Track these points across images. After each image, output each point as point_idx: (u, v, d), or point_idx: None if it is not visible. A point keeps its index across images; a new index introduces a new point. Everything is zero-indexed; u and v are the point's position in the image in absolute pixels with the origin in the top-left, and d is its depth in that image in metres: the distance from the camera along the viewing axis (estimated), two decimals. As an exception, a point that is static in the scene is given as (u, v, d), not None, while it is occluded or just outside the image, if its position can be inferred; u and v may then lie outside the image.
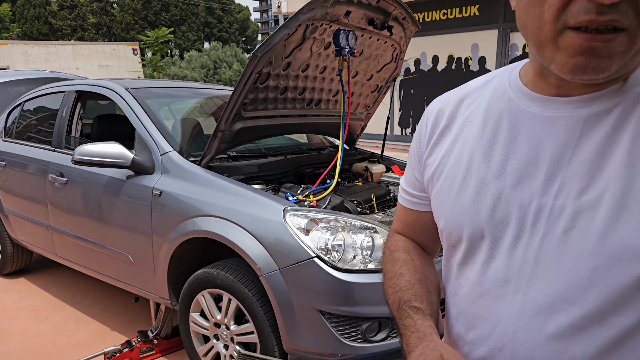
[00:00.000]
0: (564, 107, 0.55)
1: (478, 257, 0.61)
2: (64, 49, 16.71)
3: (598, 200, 0.51)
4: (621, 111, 0.51)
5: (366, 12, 2.22)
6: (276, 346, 1.87)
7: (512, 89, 0.61)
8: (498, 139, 0.60)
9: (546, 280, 0.54)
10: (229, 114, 2.10)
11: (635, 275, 0.49)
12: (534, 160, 0.56)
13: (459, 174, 0.63)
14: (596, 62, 0.47)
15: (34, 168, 2.94)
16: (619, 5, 0.44)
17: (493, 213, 0.59)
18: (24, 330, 2.81)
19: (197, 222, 2.02)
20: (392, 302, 0.70)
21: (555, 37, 0.48)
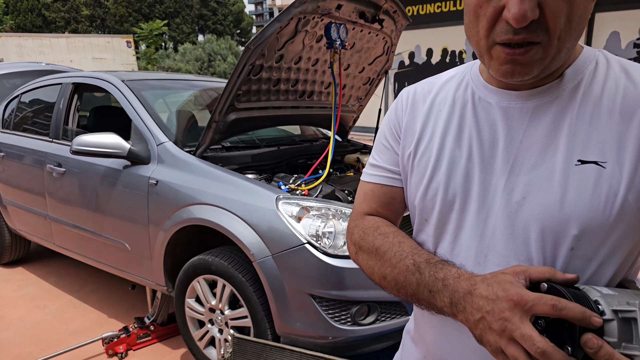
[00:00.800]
0: (516, 99, 0.66)
1: (448, 227, 0.71)
2: (58, 41, 16.58)
3: (545, 175, 0.62)
4: (560, 102, 0.63)
5: (357, 5, 2.27)
6: (269, 330, 1.95)
7: (473, 82, 0.72)
8: (465, 125, 0.70)
9: (503, 244, 0.65)
10: (222, 105, 2.16)
11: (571, 236, 0.61)
12: (494, 144, 0.67)
13: (432, 156, 0.72)
14: (520, 68, 0.59)
15: (32, 159, 2.99)
16: (529, 25, 0.55)
17: (462, 189, 0.69)
18: (23, 318, 2.87)
19: (192, 210, 2.08)
20: (404, 268, 0.70)
21: (489, 49, 0.61)
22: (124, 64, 18.09)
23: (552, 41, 0.57)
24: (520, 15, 0.54)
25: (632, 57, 6.82)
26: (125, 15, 33.46)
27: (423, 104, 0.77)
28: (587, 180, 0.60)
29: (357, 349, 1.91)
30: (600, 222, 0.59)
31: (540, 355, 0.51)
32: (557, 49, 0.58)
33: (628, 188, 0.58)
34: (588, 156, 0.60)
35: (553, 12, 0.55)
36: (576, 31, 0.58)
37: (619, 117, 0.60)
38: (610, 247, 0.61)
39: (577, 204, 0.60)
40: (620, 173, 0.59)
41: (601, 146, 0.60)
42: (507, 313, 0.54)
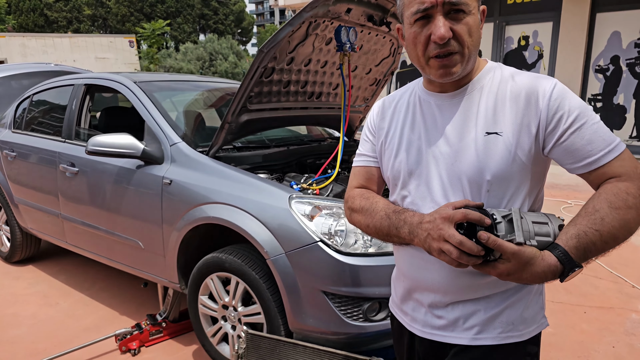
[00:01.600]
0: (445, 98, 1.02)
1: (410, 187, 1.04)
2: (61, 41, 16.62)
3: (468, 144, 0.96)
4: (472, 98, 0.99)
5: (366, 9, 2.32)
6: (282, 326, 1.99)
7: (419, 90, 1.08)
8: (416, 118, 1.06)
9: (447, 192, 0.99)
10: (235, 107, 2.21)
11: (486, 182, 0.94)
12: (435, 127, 1.02)
13: (396, 140, 1.08)
14: (449, 70, 0.94)
15: (45, 159, 3.03)
16: (448, 42, 0.90)
17: (417, 159, 1.03)
18: (35, 315, 2.92)
19: (205, 209, 2.13)
20: (379, 218, 1.04)
21: (427, 62, 0.96)
22: (126, 63, 18.13)
23: (464, 50, 0.92)
24: (442, 35, 0.89)
25: (633, 56, 6.86)
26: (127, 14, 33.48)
27: (389, 109, 1.13)
28: (493, 145, 0.93)
29: (368, 344, 1.95)
30: (503, 171, 0.93)
31: (459, 244, 0.85)
32: (468, 55, 0.93)
33: (516, 147, 0.93)
34: (492, 130, 0.94)
35: (461, 32, 0.91)
36: (476, 43, 0.94)
37: (508, 103, 0.95)
38: (513, 189, 0.95)
39: (488, 159, 0.93)
40: (512, 138, 0.93)
41: (499, 123, 0.94)
42: (440, 225, 0.88)
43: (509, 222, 0.86)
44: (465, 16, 0.90)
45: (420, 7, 0.90)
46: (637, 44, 6.82)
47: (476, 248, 0.84)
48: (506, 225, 0.86)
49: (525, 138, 0.92)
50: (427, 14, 0.90)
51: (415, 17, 0.91)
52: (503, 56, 8.14)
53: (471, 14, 0.91)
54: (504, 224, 0.86)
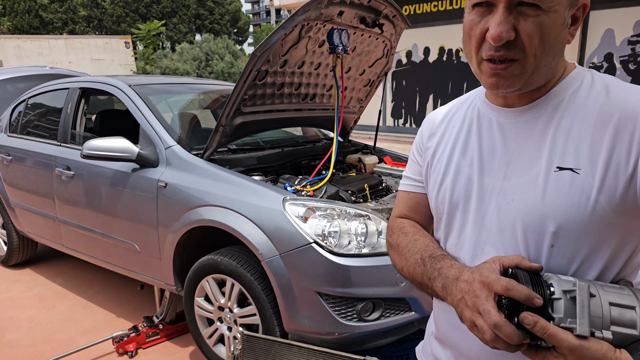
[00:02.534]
0: (510, 115, 0.78)
1: (454, 225, 0.83)
2: (57, 42, 16.60)
3: (529, 180, 0.73)
4: (544, 118, 0.74)
5: (358, 11, 2.34)
6: (277, 327, 2.01)
7: (480, 102, 0.85)
8: (471, 138, 0.83)
9: (496, 239, 0.76)
10: (229, 110, 2.22)
11: (550, 233, 0.70)
12: (492, 153, 0.79)
13: (443, 164, 0.86)
14: (502, 81, 0.71)
15: (41, 162, 3.04)
16: (507, 44, 0.68)
17: (464, 191, 0.81)
18: (33, 318, 2.93)
19: (201, 212, 2.14)
20: (413, 262, 0.85)
21: (479, 64, 0.73)
22: (122, 64, 18.11)
23: (528, 58, 0.68)
24: (497, 35, 0.67)
25: (626, 53, 6.90)
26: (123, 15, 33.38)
27: (441, 123, 0.91)
28: (563, 184, 0.69)
29: (362, 344, 1.97)
30: (576, 222, 0.68)
31: (492, 326, 0.63)
32: (535, 66, 0.69)
33: (599, 191, 0.67)
34: (565, 163, 0.69)
35: (527, 34, 0.67)
36: (552, 52, 0.69)
37: (593, 129, 0.69)
38: (590, 246, 0.69)
39: (553, 204, 0.69)
40: (592, 178, 0.67)
41: (577, 155, 0.69)
42: (477, 291, 0.67)
43: (572, 301, 0.61)
44: (540, 14, 0.66)
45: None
46: (631, 42, 6.85)
47: (517, 336, 0.61)
48: (567, 304, 0.61)
49: (613, 179, 0.66)
50: (489, 1, 0.68)
51: (474, 1, 0.70)
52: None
53: (551, 11, 0.66)
54: (565, 301, 0.61)
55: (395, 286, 1.91)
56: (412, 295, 1.96)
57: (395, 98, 9.76)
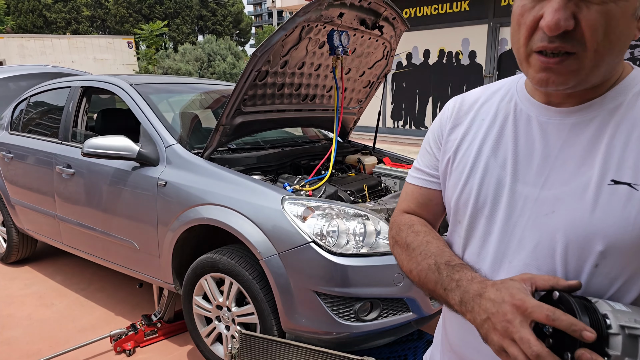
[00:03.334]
0: (555, 115, 0.68)
1: (477, 232, 0.74)
2: (60, 42, 16.63)
3: (576, 191, 0.64)
4: (598, 122, 0.65)
5: (358, 13, 2.35)
6: (275, 326, 2.01)
7: (518, 95, 0.74)
8: (504, 135, 0.73)
9: (528, 253, 0.68)
10: (230, 109, 2.23)
11: (596, 253, 0.62)
12: (529, 156, 0.70)
13: (469, 161, 0.76)
14: (554, 77, 0.62)
15: (42, 160, 3.05)
16: (564, 35, 0.58)
17: (493, 196, 0.72)
18: (31, 316, 2.94)
19: (200, 211, 2.15)
20: (426, 266, 0.76)
21: (527, 57, 0.64)
22: (124, 64, 18.15)
23: (588, 53, 0.59)
24: (553, 23, 0.57)
25: (626, 57, 6.90)
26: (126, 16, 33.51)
27: (468, 112, 0.80)
28: (618, 200, 0.60)
29: (360, 344, 1.98)
30: (627, 242, 0.60)
31: (534, 357, 0.54)
32: (595, 63, 0.59)
33: None
34: (622, 177, 0.61)
35: (589, 24, 0.57)
36: (616, 47, 0.60)
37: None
38: (634, 268, 0.62)
39: (604, 221, 0.61)
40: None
41: (636, 168, 0.60)
42: (509, 316, 0.58)
43: (631, 338, 0.54)
44: (608, 1, 0.57)
45: None
46: (630, 45, 6.87)
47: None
48: (626, 342, 0.54)
49: None
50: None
51: None
52: (497, 58, 8.19)
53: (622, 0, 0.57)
54: (624, 338, 0.54)
55: (393, 286, 1.92)
56: (410, 295, 1.97)
57: (395, 100, 9.78)
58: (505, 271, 0.69)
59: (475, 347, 0.73)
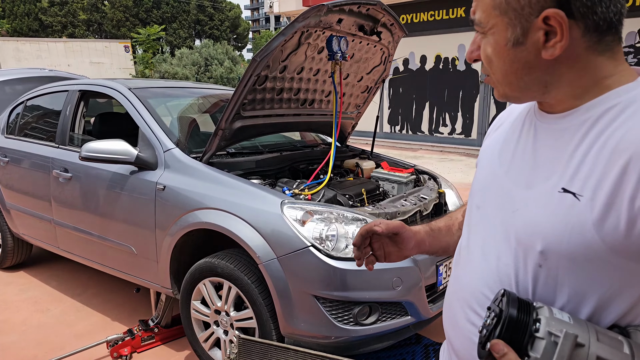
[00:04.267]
0: (547, 120, 0.73)
1: (471, 222, 0.83)
2: (56, 45, 16.60)
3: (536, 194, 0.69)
4: (568, 132, 0.69)
5: (357, 19, 2.36)
6: (274, 330, 2.01)
7: (534, 103, 0.80)
8: (512, 138, 0.80)
9: (499, 244, 0.74)
10: (229, 114, 2.24)
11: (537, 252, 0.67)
12: (520, 157, 0.76)
13: (485, 160, 0.85)
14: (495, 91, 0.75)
15: (38, 164, 3.04)
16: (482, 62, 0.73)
17: (486, 192, 0.80)
18: (26, 322, 2.91)
19: (199, 215, 2.15)
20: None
21: None
22: (121, 68, 18.13)
23: (492, 73, 0.73)
24: (467, 55, 0.76)
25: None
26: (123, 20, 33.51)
27: (502, 122, 0.89)
28: (563, 206, 0.64)
29: (359, 348, 1.98)
30: (565, 248, 0.63)
31: None
32: (499, 80, 0.72)
33: (596, 226, 0.61)
34: (571, 187, 0.65)
35: (482, 53, 0.72)
36: (503, 69, 0.70)
37: (608, 157, 0.62)
38: (582, 280, 0.64)
39: (545, 223, 0.66)
40: (591, 210, 0.62)
41: (585, 180, 0.63)
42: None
43: (553, 345, 0.56)
44: (484, 36, 0.71)
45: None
46: (623, 52, 6.95)
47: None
48: (549, 347, 0.56)
49: (614, 219, 0.60)
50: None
51: None
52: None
53: (488, 35, 0.70)
54: (547, 344, 0.56)
55: (392, 290, 1.92)
56: (408, 299, 1.97)
57: (392, 105, 9.82)
58: (479, 259, 0.77)
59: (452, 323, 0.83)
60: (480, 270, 0.76)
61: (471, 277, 0.78)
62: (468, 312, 0.77)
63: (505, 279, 0.71)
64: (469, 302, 0.77)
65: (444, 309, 0.89)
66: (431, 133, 9.34)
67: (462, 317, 0.78)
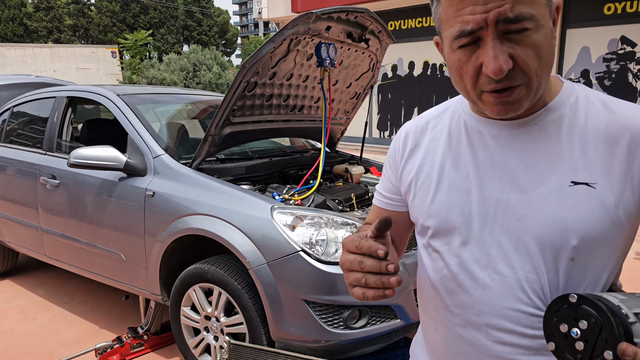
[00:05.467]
0: (505, 128, 0.75)
1: (454, 243, 0.77)
2: (42, 51, 16.40)
3: (542, 195, 0.70)
4: (546, 131, 0.72)
5: (345, 27, 2.40)
6: (264, 335, 2.02)
7: (465, 114, 0.81)
8: (462, 151, 0.78)
9: (509, 256, 0.72)
10: (218, 120, 2.25)
11: (571, 247, 0.68)
12: (490, 166, 0.75)
13: (432, 181, 0.80)
14: (511, 106, 0.68)
15: (25, 171, 3.01)
16: (508, 73, 0.64)
17: (463, 208, 0.76)
18: (13, 330, 2.87)
19: (188, 221, 2.15)
20: None
21: (479, 97, 0.70)
22: (108, 74, 17.98)
23: (532, 79, 0.66)
24: (497, 69, 0.63)
25: (601, 70, 7.15)
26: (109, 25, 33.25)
27: (422, 136, 0.85)
28: (581, 198, 0.67)
29: (349, 351, 1.99)
30: (597, 234, 0.67)
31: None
32: (538, 84, 0.67)
33: (617, 205, 0.67)
34: (579, 178, 0.68)
35: (524, 59, 0.64)
36: (547, 63, 0.67)
37: (605, 144, 0.68)
38: (606, 257, 0.69)
39: (574, 217, 0.67)
40: (610, 193, 0.67)
41: (590, 170, 0.68)
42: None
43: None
44: (531, 34, 0.64)
45: (464, 29, 0.65)
46: (606, 59, 7.12)
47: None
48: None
49: (630, 195, 0.67)
50: (475, 37, 0.65)
51: (459, 42, 0.66)
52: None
53: (540, 27, 0.64)
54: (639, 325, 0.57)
55: (381, 294, 1.94)
56: (398, 303, 1.99)
57: (381, 111, 9.91)
58: (490, 277, 0.73)
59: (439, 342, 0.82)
60: (499, 288, 0.72)
61: (490, 299, 0.73)
62: (500, 335, 0.73)
63: (536, 285, 0.70)
64: (499, 325, 0.73)
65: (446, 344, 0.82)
66: (419, 138, 9.41)
67: (492, 344, 0.74)
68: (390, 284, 0.63)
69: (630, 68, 6.95)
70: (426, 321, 0.87)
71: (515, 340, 0.72)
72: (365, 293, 0.65)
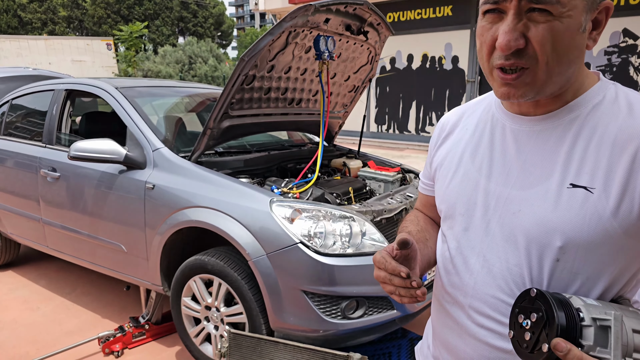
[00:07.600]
0: (525, 123, 0.76)
1: (457, 228, 0.83)
2: (37, 43, 16.27)
3: (540, 193, 0.72)
4: (560, 130, 0.72)
5: (344, 19, 2.42)
6: (263, 325, 2.06)
7: (495, 106, 0.83)
8: (482, 143, 0.82)
9: (499, 247, 0.76)
10: (217, 113, 2.27)
11: (556, 248, 0.69)
12: (503, 160, 0.78)
13: (452, 167, 0.86)
14: (514, 91, 0.70)
15: (25, 164, 3.03)
16: (518, 52, 0.66)
17: (470, 197, 0.81)
18: (17, 320, 2.91)
19: (188, 213, 2.18)
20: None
21: (491, 72, 0.72)
22: (103, 66, 17.87)
23: (540, 66, 0.66)
24: (505, 44, 0.65)
25: (603, 63, 7.17)
26: (104, 16, 32.93)
27: (455, 125, 0.90)
28: (576, 201, 0.68)
29: (346, 341, 2.04)
30: (584, 240, 0.67)
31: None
32: (547, 74, 0.67)
33: (613, 214, 0.65)
34: (579, 181, 0.68)
35: (537, 41, 0.65)
36: (565, 59, 0.67)
37: (611, 150, 0.67)
38: (597, 265, 0.68)
39: (563, 218, 0.68)
40: (606, 200, 0.66)
41: (592, 174, 0.67)
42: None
43: (602, 329, 0.60)
44: (552, 19, 0.64)
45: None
46: (607, 52, 7.14)
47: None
48: (597, 333, 0.60)
49: (629, 204, 0.65)
50: (499, 7, 0.67)
51: (485, 7, 0.68)
52: (478, 64, 8.40)
53: (564, 16, 0.64)
54: (595, 329, 0.60)
55: (378, 285, 1.98)
56: (394, 293, 2.03)
57: (379, 104, 9.91)
58: (480, 264, 0.78)
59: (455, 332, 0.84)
60: (485, 275, 0.76)
61: (475, 283, 0.78)
62: (478, 318, 0.78)
63: (518, 279, 0.73)
64: (479, 308, 0.77)
65: (438, 317, 0.90)
66: (418, 132, 9.45)
67: (471, 324, 0.79)
68: (417, 295, 0.74)
69: (632, 61, 6.97)
70: (434, 294, 0.95)
71: (491, 325, 0.76)
72: (401, 300, 0.77)
